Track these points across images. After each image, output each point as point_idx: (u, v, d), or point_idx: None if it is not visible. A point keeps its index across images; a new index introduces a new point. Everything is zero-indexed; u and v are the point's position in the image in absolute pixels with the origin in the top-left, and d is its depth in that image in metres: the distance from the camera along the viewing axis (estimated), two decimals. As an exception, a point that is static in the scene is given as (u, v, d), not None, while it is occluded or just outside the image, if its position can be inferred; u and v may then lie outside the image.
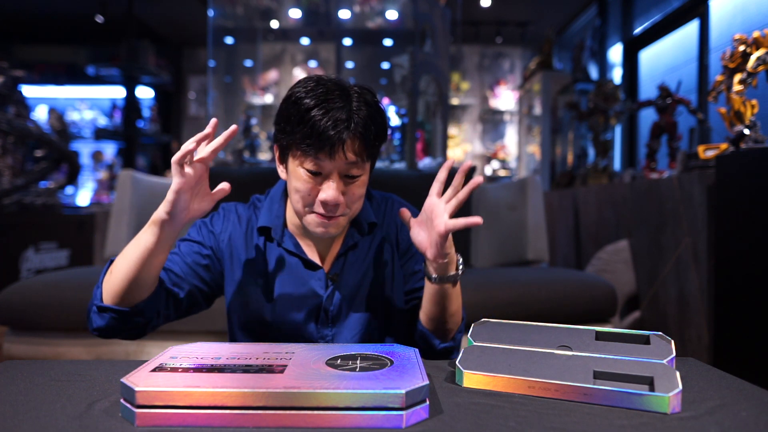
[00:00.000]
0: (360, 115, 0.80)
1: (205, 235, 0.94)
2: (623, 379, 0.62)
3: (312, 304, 0.91)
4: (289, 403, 0.52)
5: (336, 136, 0.78)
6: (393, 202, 1.02)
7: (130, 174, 2.11)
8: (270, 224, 0.92)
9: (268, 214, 0.94)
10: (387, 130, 0.87)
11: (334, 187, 0.81)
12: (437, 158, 3.69)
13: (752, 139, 1.63)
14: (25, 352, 1.67)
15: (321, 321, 0.92)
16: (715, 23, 3.05)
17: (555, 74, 4.77)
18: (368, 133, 0.81)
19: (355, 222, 0.95)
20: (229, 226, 0.95)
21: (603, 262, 2.42)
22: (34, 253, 2.65)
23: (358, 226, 0.95)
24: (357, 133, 0.80)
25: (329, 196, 0.81)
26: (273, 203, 0.95)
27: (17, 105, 2.69)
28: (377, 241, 0.97)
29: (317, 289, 0.91)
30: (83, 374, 0.69)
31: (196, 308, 0.93)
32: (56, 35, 5.76)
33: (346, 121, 0.79)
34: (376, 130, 0.83)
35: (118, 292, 0.78)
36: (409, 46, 3.25)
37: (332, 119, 0.78)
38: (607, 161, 3.22)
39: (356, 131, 0.80)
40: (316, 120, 0.78)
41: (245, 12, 4.39)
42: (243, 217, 0.97)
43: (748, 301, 1.48)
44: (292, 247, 0.92)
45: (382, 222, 0.99)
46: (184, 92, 6.24)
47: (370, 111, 0.82)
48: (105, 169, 5.40)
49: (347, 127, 0.79)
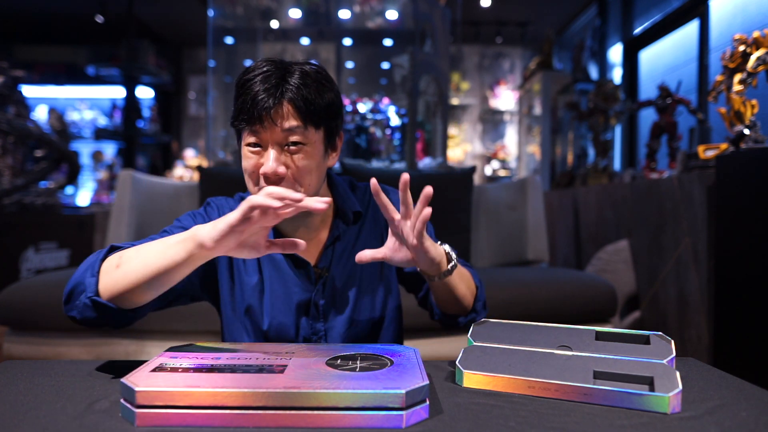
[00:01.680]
0: (292, 81, 0.79)
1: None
2: (623, 379, 0.62)
3: (302, 300, 0.90)
4: (289, 403, 0.52)
5: (264, 102, 0.77)
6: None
7: (130, 174, 2.11)
8: None
9: None
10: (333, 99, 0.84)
11: (271, 157, 0.79)
12: (437, 158, 3.69)
13: (752, 139, 1.63)
14: (25, 352, 1.67)
15: (312, 316, 0.91)
16: (715, 23, 3.05)
17: (555, 74, 4.77)
18: (300, 97, 0.79)
19: (339, 212, 0.94)
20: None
21: (603, 262, 2.42)
22: (34, 253, 2.65)
23: (343, 216, 0.93)
24: (288, 98, 0.78)
25: (267, 167, 0.79)
26: None
27: (17, 105, 2.69)
28: (365, 230, 0.96)
29: (306, 284, 0.90)
30: (83, 374, 0.69)
31: (180, 302, 0.90)
32: (56, 35, 5.76)
33: (275, 87, 0.78)
34: (311, 96, 0.80)
35: (120, 292, 0.70)
36: (409, 46, 3.25)
37: (263, 88, 0.78)
38: (607, 161, 3.22)
39: (285, 95, 0.78)
40: (250, 88, 0.78)
41: (245, 12, 4.39)
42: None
43: (748, 301, 1.48)
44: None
45: (367, 210, 0.97)
46: (184, 92, 6.24)
47: (304, 78, 0.80)
48: (105, 169, 5.40)
49: (275, 93, 0.78)
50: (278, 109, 0.78)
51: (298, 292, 0.90)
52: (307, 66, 0.83)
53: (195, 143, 6.16)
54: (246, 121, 0.79)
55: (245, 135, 0.81)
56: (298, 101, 0.79)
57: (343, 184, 0.98)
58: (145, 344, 1.67)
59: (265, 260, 0.92)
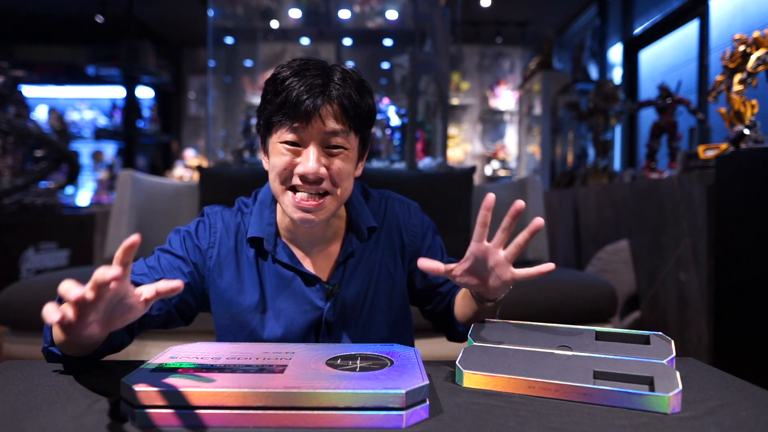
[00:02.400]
0: (338, 82, 0.76)
1: (190, 250, 0.85)
2: (623, 379, 0.62)
3: (312, 318, 0.85)
4: (289, 403, 0.52)
5: (311, 101, 0.73)
6: (392, 200, 0.94)
7: (130, 174, 2.11)
8: (261, 234, 0.85)
9: (258, 222, 0.86)
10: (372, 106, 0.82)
11: (312, 158, 0.75)
12: (437, 158, 3.69)
13: (752, 139, 1.63)
14: (25, 352, 1.67)
15: (322, 334, 0.86)
16: (715, 23, 3.05)
17: (555, 74, 4.77)
18: (348, 100, 0.76)
19: (353, 227, 0.88)
20: (217, 240, 0.86)
21: (603, 262, 2.42)
22: (34, 253, 2.65)
23: (356, 231, 0.88)
24: (334, 99, 0.75)
25: (307, 167, 0.75)
26: (263, 208, 0.88)
27: (17, 105, 2.69)
28: (380, 245, 0.90)
29: (316, 302, 0.85)
30: (83, 374, 0.69)
31: (174, 325, 0.85)
32: (56, 35, 5.76)
33: (322, 86, 0.75)
34: (357, 100, 0.77)
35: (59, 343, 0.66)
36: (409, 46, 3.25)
37: (307, 85, 0.74)
38: (607, 161, 3.22)
39: (332, 96, 0.75)
40: (291, 87, 0.74)
41: (245, 12, 4.39)
42: (231, 227, 0.88)
43: (748, 301, 1.48)
44: (287, 259, 0.85)
45: (382, 224, 0.91)
46: (184, 92, 6.24)
47: (351, 81, 0.77)
48: (105, 169, 5.40)
49: (323, 92, 0.74)
50: (325, 109, 0.75)
51: (308, 309, 0.85)
52: (350, 70, 0.80)
53: (195, 143, 6.16)
54: (288, 117, 0.75)
55: (281, 132, 0.77)
56: (345, 102, 0.76)
57: (357, 194, 0.92)
58: (145, 344, 1.67)
59: (270, 276, 0.85)
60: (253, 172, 2.20)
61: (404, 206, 0.95)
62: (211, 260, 0.86)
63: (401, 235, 0.92)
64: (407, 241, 0.92)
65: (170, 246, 0.85)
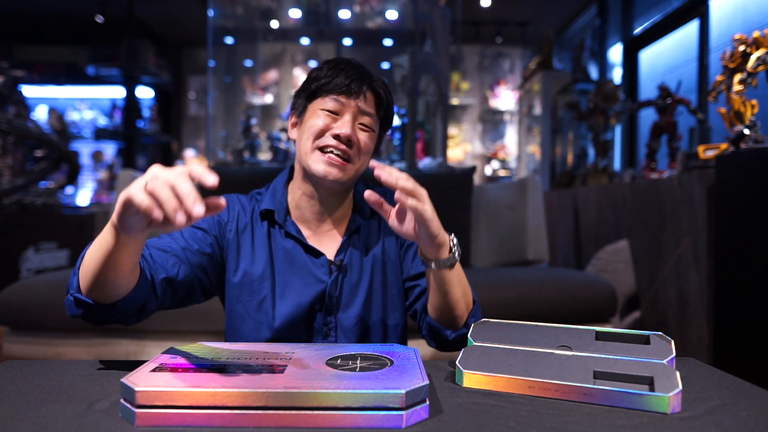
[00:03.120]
0: (376, 80, 0.94)
1: (210, 223, 0.92)
2: (623, 379, 0.62)
3: (317, 291, 0.91)
4: (289, 403, 0.52)
5: (356, 84, 0.90)
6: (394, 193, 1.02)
7: (130, 174, 2.11)
8: (273, 207, 0.95)
9: (271, 199, 0.96)
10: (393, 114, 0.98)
11: (348, 124, 0.89)
12: (437, 158, 3.69)
13: (752, 139, 1.63)
14: (25, 352, 1.67)
15: (326, 308, 0.92)
16: (715, 23, 3.05)
17: (555, 74, 4.77)
18: (384, 93, 0.94)
19: (357, 206, 0.98)
20: (235, 216, 0.95)
21: (603, 262, 2.42)
22: (34, 253, 2.65)
23: (360, 210, 0.98)
24: (374, 89, 0.93)
25: (343, 129, 0.88)
26: (276, 191, 0.98)
27: (17, 105, 2.69)
28: (381, 227, 0.99)
29: (321, 276, 0.92)
30: (83, 374, 0.69)
31: (193, 299, 0.89)
32: (56, 35, 5.76)
33: (366, 77, 0.92)
34: (389, 99, 0.95)
35: (88, 287, 0.70)
36: (409, 46, 3.25)
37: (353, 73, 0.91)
38: (607, 161, 3.22)
39: (373, 87, 0.92)
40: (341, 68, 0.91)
41: (245, 12, 4.39)
42: (247, 207, 0.97)
43: (748, 301, 1.48)
44: (294, 232, 0.94)
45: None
46: (184, 92, 6.24)
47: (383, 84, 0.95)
48: (105, 169, 5.40)
49: (367, 81, 0.92)
50: (366, 92, 0.91)
51: (312, 282, 0.91)
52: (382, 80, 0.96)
53: (195, 143, 6.16)
54: (336, 90, 0.89)
55: (324, 100, 0.90)
56: (380, 95, 0.94)
57: (361, 182, 1.02)
58: (145, 344, 1.67)
59: (278, 249, 0.94)
60: (253, 172, 2.20)
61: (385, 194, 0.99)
62: (230, 233, 0.94)
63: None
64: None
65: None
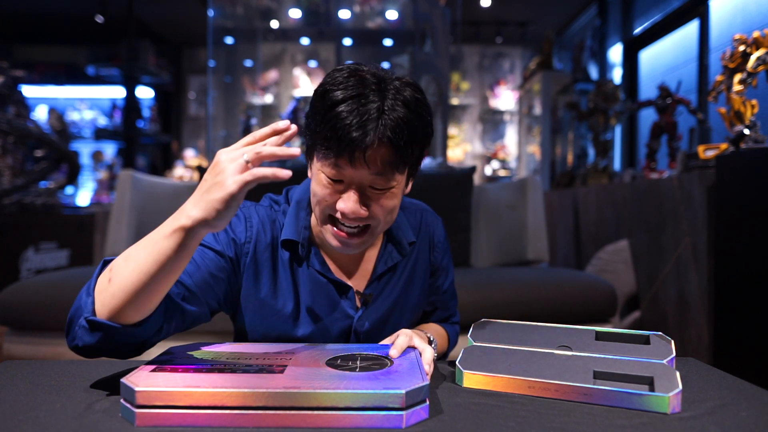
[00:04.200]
0: (391, 117, 0.68)
1: (225, 243, 0.80)
2: (623, 379, 0.62)
3: (342, 327, 0.85)
4: (289, 403, 0.52)
5: (359, 140, 0.67)
6: (426, 213, 0.96)
7: (130, 174, 2.11)
8: (296, 237, 0.82)
9: (294, 224, 0.83)
10: (428, 133, 0.74)
11: (353, 199, 0.72)
12: (437, 158, 3.69)
13: (752, 139, 1.63)
14: (25, 352, 1.67)
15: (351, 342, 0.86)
16: (715, 23, 3.05)
17: (555, 74, 4.76)
18: (399, 139, 0.69)
19: (393, 240, 0.87)
20: (254, 236, 0.82)
21: (603, 262, 2.42)
22: (34, 253, 2.65)
23: (398, 246, 0.87)
24: (385, 138, 0.68)
25: (347, 207, 0.72)
26: (300, 210, 0.85)
27: (17, 105, 2.69)
28: (412, 258, 0.90)
29: (348, 310, 0.85)
30: (83, 374, 0.69)
31: (200, 322, 0.81)
32: (56, 35, 5.76)
33: (373, 121, 0.67)
34: (409, 135, 0.70)
35: (118, 306, 0.62)
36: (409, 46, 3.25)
37: (358, 117, 0.67)
38: (607, 161, 3.22)
39: (384, 135, 0.68)
40: (341, 118, 0.67)
41: (245, 12, 4.39)
42: (266, 222, 0.84)
43: (748, 301, 1.48)
44: (318, 266, 0.83)
45: (418, 237, 0.92)
46: (184, 92, 6.24)
47: (406, 112, 0.69)
48: (105, 169, 5.40)
49: (373, 127, 0.67)
50: (373, 151, 0.68)
51: (339, 317, 0.85)
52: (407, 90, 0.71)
53: (195, 143, 6.15)
54: (332, 152, 0.69)
55: (325, 164, 0.72)
56: (399, 145, 0.69)
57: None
58: (145, 344, 1.67)
59: (304, 281, 0.84)
60: (253, 172, 2.20)
61: (435, 220, 0.97)
62: (247, 256, 0.82)
63: (431, 250, 0.94)
64: (434, 257, 0.95)
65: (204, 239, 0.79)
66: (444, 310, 1.01)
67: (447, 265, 0.98)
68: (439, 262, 0.96)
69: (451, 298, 1.01)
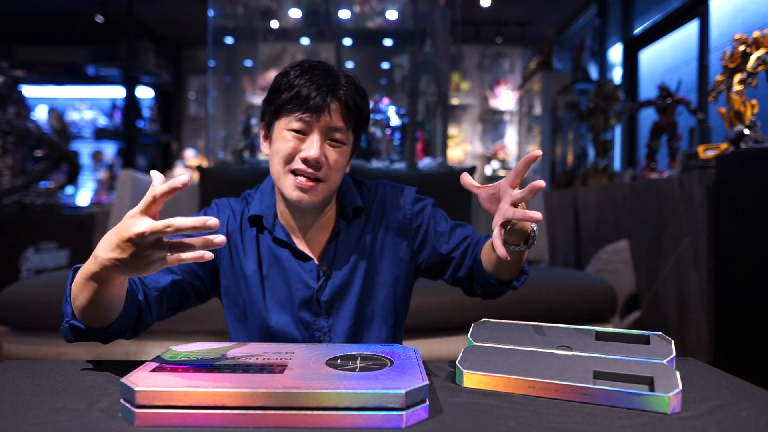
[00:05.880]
0: (344, 84, 0.87)
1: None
2: (623, 379, 0.62)
3: (305, 296, 0.91)
4: (289, 403, 0.52)
5: (320, 97, 0.83)
6: (384, 186, 1.01)
7: (130, 174, 2.11)
8: (261, 213, 0.93)
9: (259, 204, 0.95)
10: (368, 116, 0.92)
11: (317, 145, 0.84)
12: (437, 158, 3.69)
13: (752, 139, 1.63)
14: (25, 352, 1.67)
15: (315, 312, 0.92)
16: (715, 23, 3.05)
17: (555, 74, 4.76)
18: (352, 102, 0.87)
19: (340, 210, 0.96)
20: (225, 221, 0.95)
21: (603, 262, 2.42)
22: (34, 253, 2.65)
23: (343, 213, 0.95)
24: (341, 99, 0.86)
25: (312, 152, 0.84)
26: (264, 194, 0.96)
27: (17, 105, 2.68)
28: (370, 226, 0.97)
29: (309, 281, 0.91)
30: (83, 374, 0.69)
31: (188, 305, 0.91)
32: (56, 35, 5.76)
33: (332, 86, 0.85)
34: (360, 103, 0.88)
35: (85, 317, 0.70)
36: (409, 46, 3.25)
37: (317, 83, 0.84)
38: (607, 161, 3.22)
39: (340, 96, 0.85)
40: (302, 84, 0.84)
41: (245, 12, 4.38)
42: (237, 210, 0.96)
43: (748, 301, 1.48)
44: (283, 236, 0.93)
45: (371, 207, 0.98)
46: (184, 92, 6.24)
47: (353, 85, 0.88)
48: (105, 169, 5.40)
49: (332, 91, 0.85)
50: (332, 106, 0.85)
51: (300, 288, 0.91)
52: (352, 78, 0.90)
53: (195, 143, 6.16)
54: (299, 108, 0.84)
55: (289, 120, 0.85)
56: (350, 103, 0.87)
57: (348, 181, 0.99)
58: (145, 344, 1.67)
59: (266, 252, 0.93)
60: (253, 172, 2.20)
61: (397, 189, 1.01)
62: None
63: (397, 215, 0.98)
64: (404, 219, 0.98)
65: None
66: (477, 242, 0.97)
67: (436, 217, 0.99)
68: (419, 221, 0.98)
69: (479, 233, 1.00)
